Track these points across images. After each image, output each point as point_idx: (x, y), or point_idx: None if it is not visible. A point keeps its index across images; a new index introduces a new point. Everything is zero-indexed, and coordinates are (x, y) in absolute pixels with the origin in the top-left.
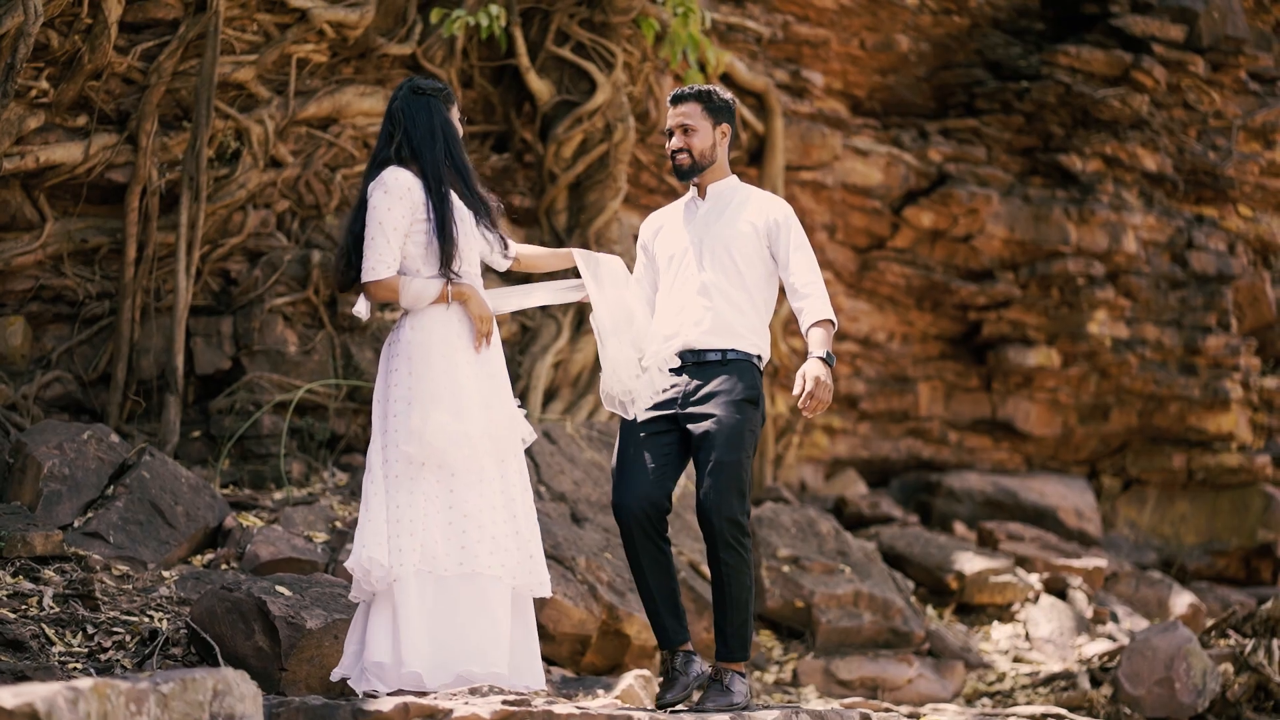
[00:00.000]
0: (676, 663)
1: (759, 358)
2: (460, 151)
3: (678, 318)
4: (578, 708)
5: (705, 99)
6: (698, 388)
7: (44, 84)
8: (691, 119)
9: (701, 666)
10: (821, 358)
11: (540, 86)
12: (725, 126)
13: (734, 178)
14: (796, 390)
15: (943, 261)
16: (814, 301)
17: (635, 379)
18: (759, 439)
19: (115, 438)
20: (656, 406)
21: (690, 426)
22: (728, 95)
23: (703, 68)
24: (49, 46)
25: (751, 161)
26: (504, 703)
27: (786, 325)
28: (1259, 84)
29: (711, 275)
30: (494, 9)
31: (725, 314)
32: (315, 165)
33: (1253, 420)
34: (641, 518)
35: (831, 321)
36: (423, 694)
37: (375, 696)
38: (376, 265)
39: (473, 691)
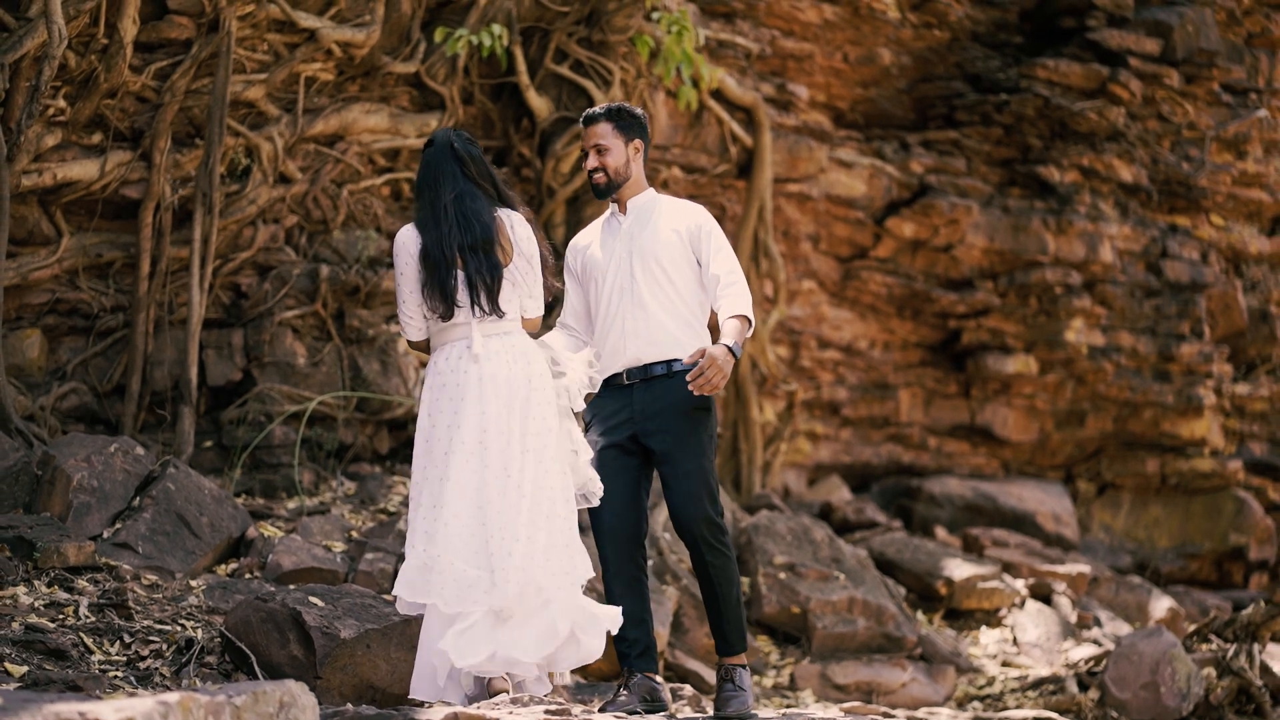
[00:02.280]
0: (633, 683)
1: None
2: None
3: (620, 335)
4: (615, 715)
5: (615, 117)
6: (649, 402)
7: (61, 103)
8: (604, 139)
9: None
10: (729, 346)
11: (539, 103)
12: (638, 142)
13: (651, 190)
14: (691, 358)
15: (924, 271)
16: (734, 298)
17: (583, 466)
18: (717, 442)
19: (140, 450)
20: (613, 430)
21: (648, 442)
22: (638, 111)
23: (696, 84)
24: (66, 66)
25: (740, 174)
26: (546, 712)
27: (773, 334)
28: (1231, 95)
29: (645, 288)
30: (495, 28)
31: (665, 324)
32: (322, 181)
33: (1225, 426)
34: (620, 543)
35: (748, 319)
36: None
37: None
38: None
39: (514, 700)
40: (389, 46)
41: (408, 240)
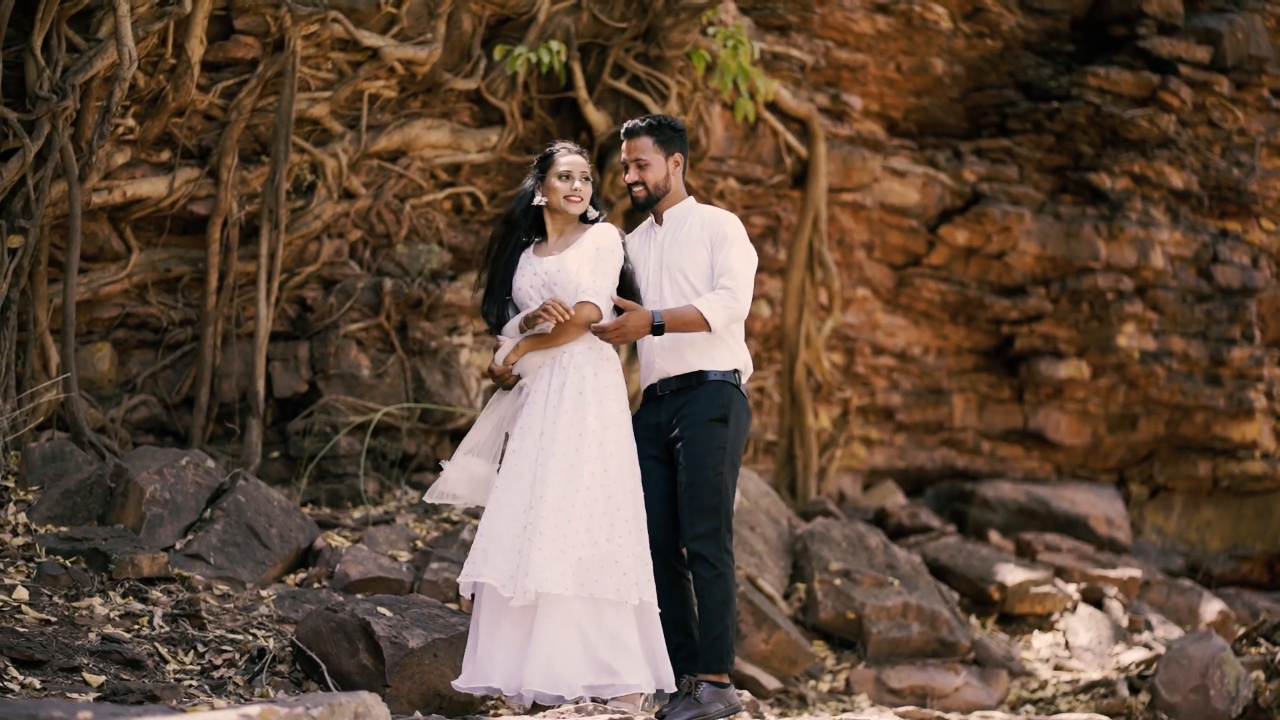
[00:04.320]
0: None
1: (736, 372)
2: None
3: (649, 348)
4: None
5: (656, 132)
6: (675, 412)
7: (130, 121)
8: (645, 153)
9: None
10: (654, 316)
11: (597, 118)
12: (678, 156)
13: (690, 200)
14: (619, 301)
15: (977, 278)
16: (711, 297)
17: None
18: (738, 456)
19: (211, 463)
20: (647, 441)
21: (674, 450)
22: (680, 124)
23: (752, 96)
24: (135, 86)
25: (795, 185)
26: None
27: (828, 341)
28: None
29: (672, 301)
30: (554, 45)
31: (691, 338)
32: (385, 196)
33: (1276, 429)
34: (655, 551)
35: (707, 321)
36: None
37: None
38: None
39: (579, 710)
40: (450, 64)
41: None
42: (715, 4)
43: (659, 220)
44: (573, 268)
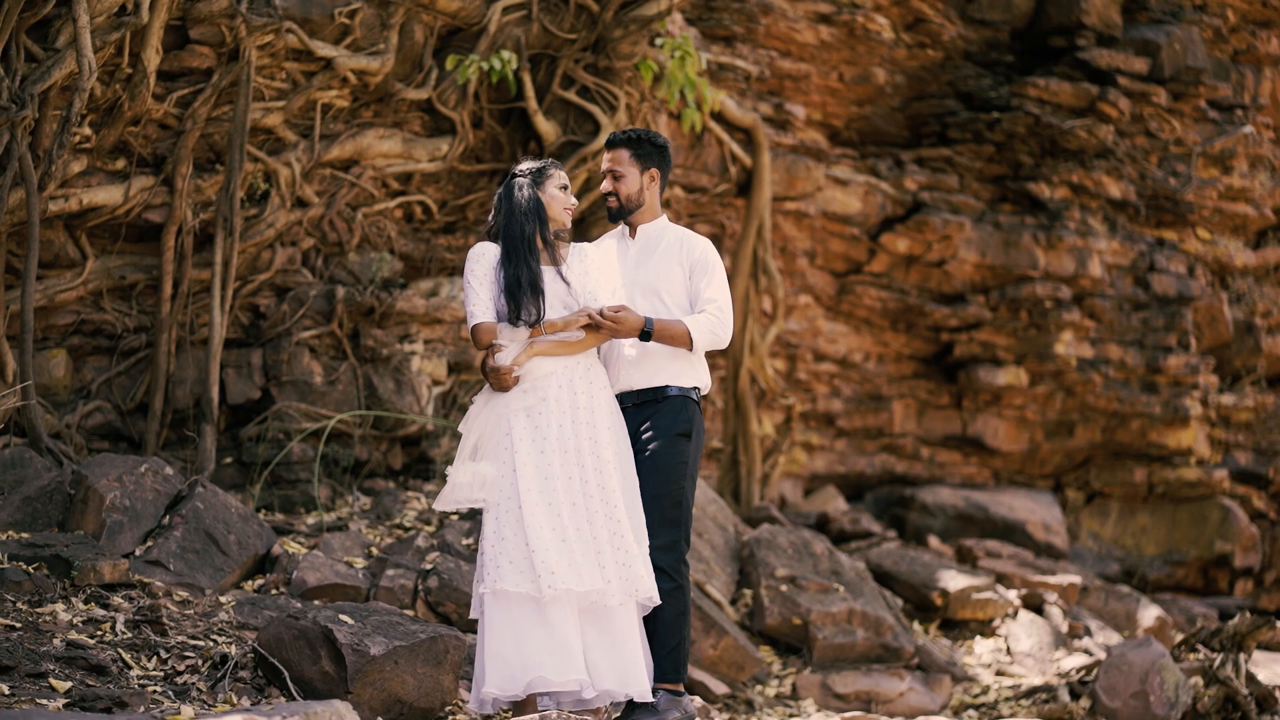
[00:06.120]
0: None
1: (696, 390)
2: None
3: (617, 361)
4: None
5: (635, 145)
6: (638, 425)
7: (86, 130)
8: (621, 165)
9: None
10: (647, 322)
11: (547, 127)
12: (654, 171)
13: (663, 218)
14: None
15: (917, 285)
16: (701, 319)
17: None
18: (698, 466)
19: (169, 470)
20: None
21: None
22: (661, 140)
23: (698, 106)
24: (92, 95)
25: (740, 193)
26: None
27: (771, 347)
28: (1217, 111)
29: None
30: (505, 54)
31: (657, 353)
32: (338, 205)
33: (1211, 436)
34: None
35: (691, 340)
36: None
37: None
38: None
39: (542, 718)
40: (402, 74)
41: None
42: (664, 16)
43: (632, 233)
44: (602, 282)
